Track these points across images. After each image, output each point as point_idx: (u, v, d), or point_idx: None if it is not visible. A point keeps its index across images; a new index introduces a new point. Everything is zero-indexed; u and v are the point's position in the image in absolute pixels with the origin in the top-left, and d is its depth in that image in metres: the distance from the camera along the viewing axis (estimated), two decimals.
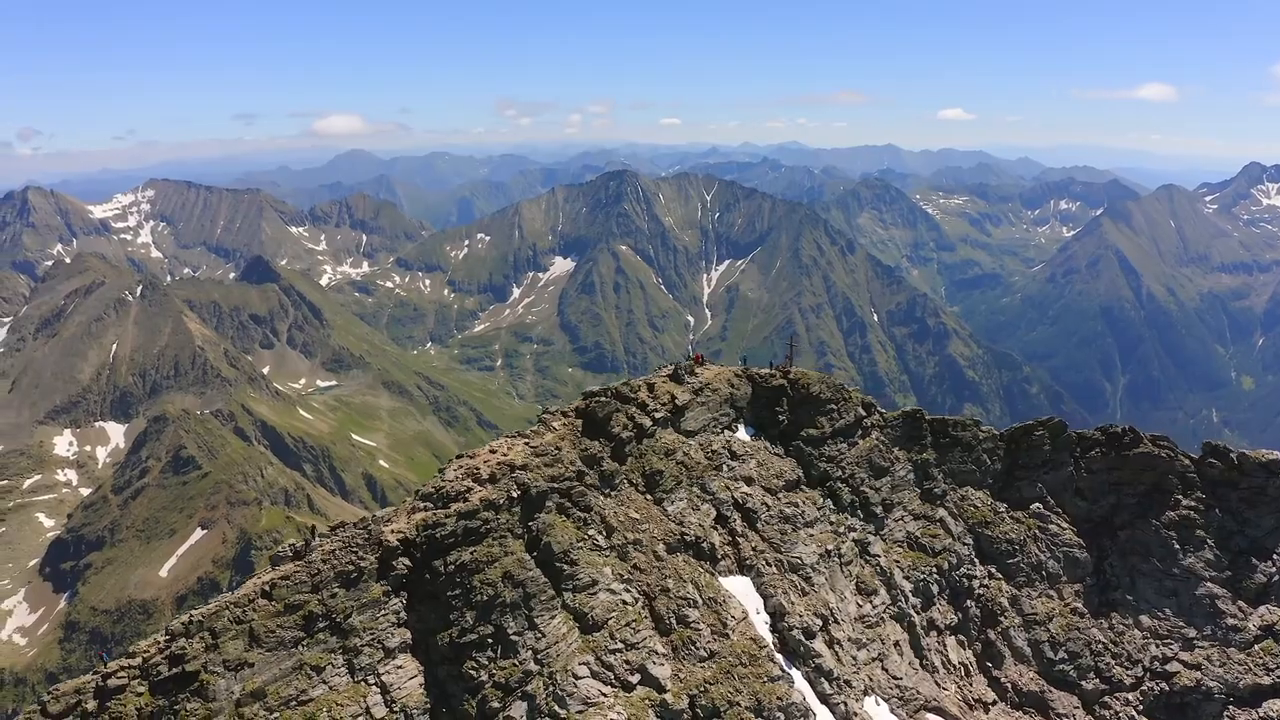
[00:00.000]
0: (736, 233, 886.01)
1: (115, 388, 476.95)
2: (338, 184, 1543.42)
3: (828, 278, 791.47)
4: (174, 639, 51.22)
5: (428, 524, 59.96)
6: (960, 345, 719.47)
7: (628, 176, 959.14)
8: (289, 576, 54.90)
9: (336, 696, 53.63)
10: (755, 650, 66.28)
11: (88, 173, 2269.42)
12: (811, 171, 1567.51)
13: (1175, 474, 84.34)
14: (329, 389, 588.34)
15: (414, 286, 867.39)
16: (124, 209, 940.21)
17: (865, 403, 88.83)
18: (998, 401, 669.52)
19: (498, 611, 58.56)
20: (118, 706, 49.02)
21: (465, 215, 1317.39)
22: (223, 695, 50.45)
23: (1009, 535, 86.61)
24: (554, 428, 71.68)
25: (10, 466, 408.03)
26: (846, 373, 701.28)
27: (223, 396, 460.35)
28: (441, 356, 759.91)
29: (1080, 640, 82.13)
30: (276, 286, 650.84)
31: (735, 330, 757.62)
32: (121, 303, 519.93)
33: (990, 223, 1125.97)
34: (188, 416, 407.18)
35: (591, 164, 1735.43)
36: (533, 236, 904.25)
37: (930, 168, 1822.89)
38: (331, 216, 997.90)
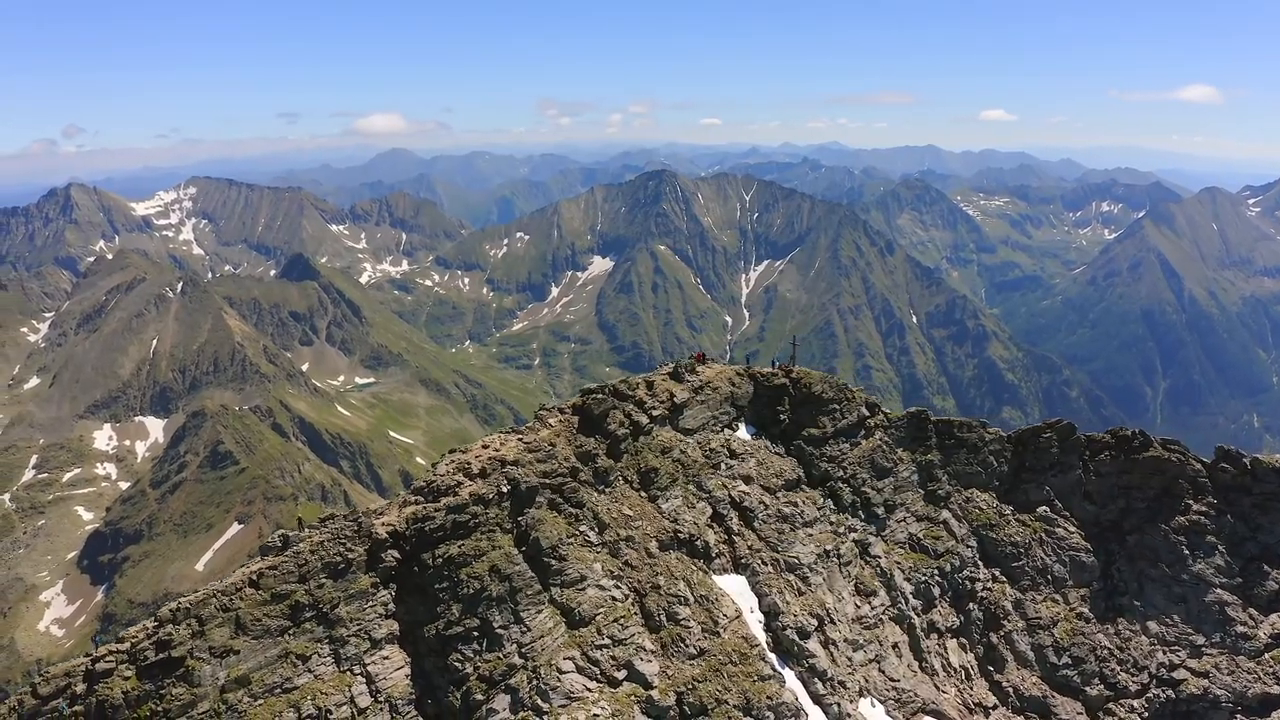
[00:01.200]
0: (775, 233, 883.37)
1: (155, 383, 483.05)
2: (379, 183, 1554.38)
3: (867, 279, 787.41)
4: (162, 625, 52.24)
5: (417, 517, 60.73)
6: (1000, 348, 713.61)
7: (666, 176, 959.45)
8: (276, 567, 55.76)
9: (321, 685, 54.41)
10: (746, 649, 66.11)
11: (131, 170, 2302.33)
12: (851, 172, 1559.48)
13: (1186, 478, 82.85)
14: (367, 386, 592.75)
15: (453, 285, 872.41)
16: (166, 206, 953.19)
17: (869, 403, 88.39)
18: (1037, 405, 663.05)
19: (484, 605, 59.12)
20: (105, 690, 50.07)
21: (505, 214, 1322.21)
22: (208, 681, 51.32)
23: (1014, 538, 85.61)
24: (550, 424, 72.03)
25: (50, 460, 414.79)
26: (885, 374, 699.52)
27: (261, 392, 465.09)
28: (480, 355, 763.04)
29: (1085, 645, 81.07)
30: (316, 284, 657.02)
31: (773, 331, 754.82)
32: (162, 299, 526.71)
33: (1031, 224, 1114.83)
34: (226, 412, 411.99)
35: (632, 164, 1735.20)
36: (571, 236, 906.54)
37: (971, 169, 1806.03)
38: (372, 215, 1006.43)
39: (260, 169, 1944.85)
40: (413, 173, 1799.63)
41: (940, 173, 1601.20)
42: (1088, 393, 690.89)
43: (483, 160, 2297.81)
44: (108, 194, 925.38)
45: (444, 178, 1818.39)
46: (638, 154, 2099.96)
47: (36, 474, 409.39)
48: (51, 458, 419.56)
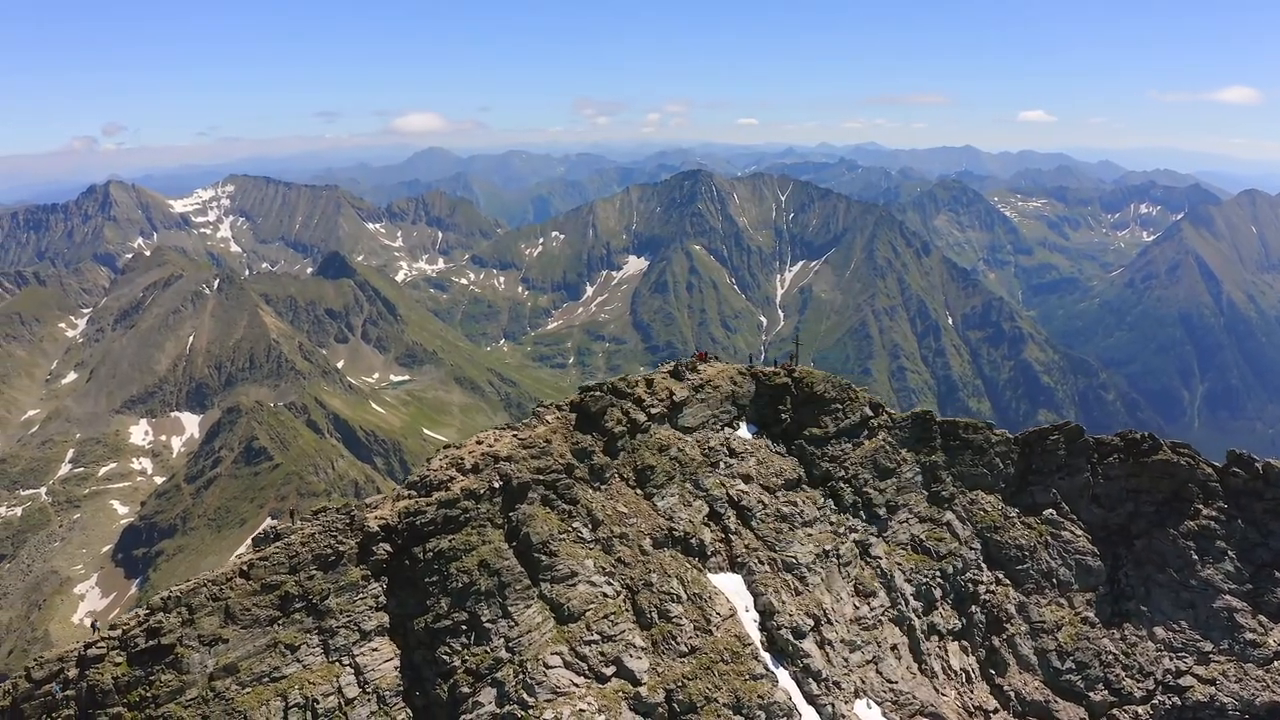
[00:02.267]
0: (811, 233, 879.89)
1: (191, 379, 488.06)
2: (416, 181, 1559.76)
3: (902, 280, 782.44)
4: (153, 613, 53.29)
5: (409, 511, 61.42)
6: (1036, 350, 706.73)
7: (702, 176, 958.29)
8: (267, 558, 56.59)
9: (309, 675, 55.20)
10: (739, 647, 66.18)
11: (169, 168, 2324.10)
12: (888, 172, 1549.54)
13: (1196, 482, 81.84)
14: (402, 384, 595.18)
15: (488, 283, 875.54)
16: (204, 204, 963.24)
17: (873, 403, 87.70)
18: (1073, 408, 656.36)
19: (472, 599, 59.69)
20: (95, 675, 51.14)
21: (541, 213, 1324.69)
22: (196, 669, 52.30)
23: (1019, 541, 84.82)
24: (547, 421, 72.42)
25: (87, 454, 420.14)
26: (919, 376, 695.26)
27: (296, 389, 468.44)
28: (514, 353, 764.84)
29: (1090, 650, 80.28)
30: (352, 282, 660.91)
31: (808, 332, 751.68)
32: (199, 296, 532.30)
33: (1069, 226, 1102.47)
34: (261, 408, 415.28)
35: (667, 163, 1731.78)
36: (607, 235, 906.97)
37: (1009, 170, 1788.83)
38: (408, 213, 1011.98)
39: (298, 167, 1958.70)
40: (450, 171, 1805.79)
41: (978, 173, 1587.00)
42: (1124, 396, 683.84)
43: (519, 159, 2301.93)
44: (146, 191, 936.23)
45: (481, 176, 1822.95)
46: (674, 153, 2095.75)
47: (73, 468, 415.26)
48: (88, 452, 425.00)
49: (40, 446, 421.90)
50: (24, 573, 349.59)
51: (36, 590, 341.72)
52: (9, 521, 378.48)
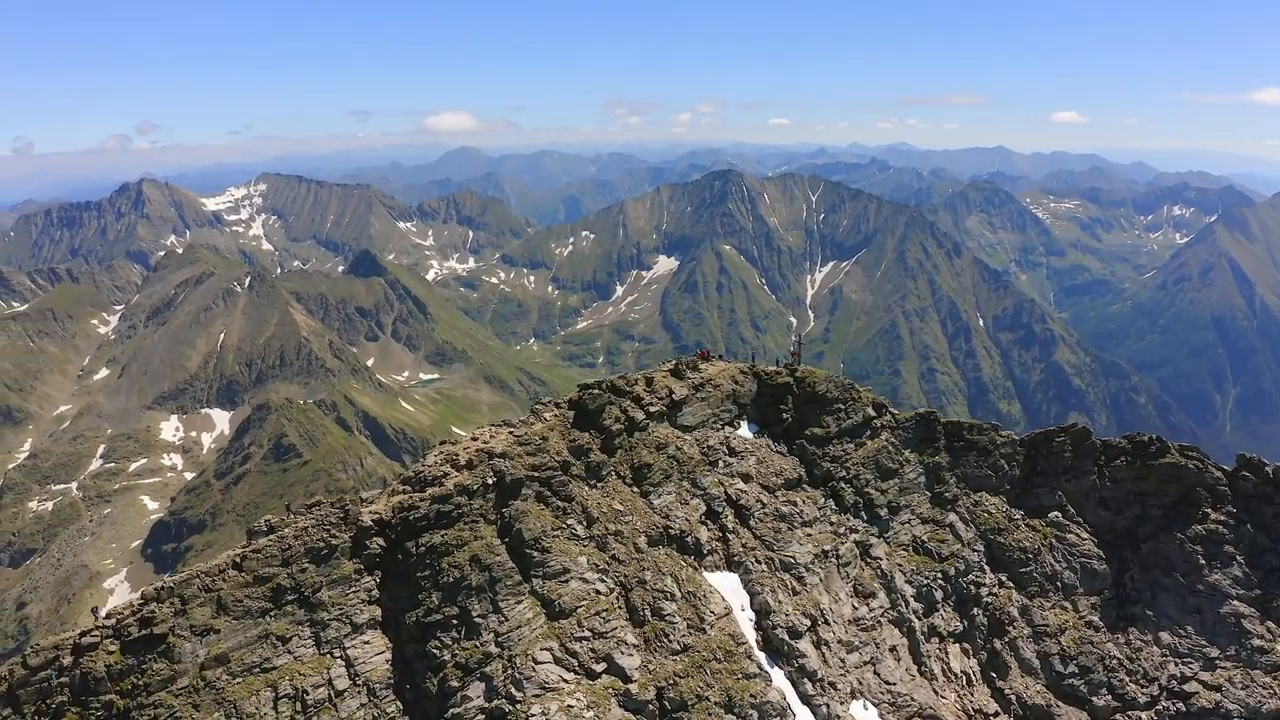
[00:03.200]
0: (841, 234, 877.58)
1: (222, 376, 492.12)
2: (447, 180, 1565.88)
3: (933, 281, 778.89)
4: (147, 603, 54.12)
5: (403, 506, 62.02)
6: (1067, 352, 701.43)
7: (733, 176, 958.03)
8: (260, 550, 57.24)
9: (300, 666, 55.84)
10: (732, 646, 66.30)
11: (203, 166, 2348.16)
12: (920, 173, 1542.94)
13: (1205, 486, 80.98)
14: (431, 382, 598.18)
15: (518, 283, 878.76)
16: (236, 202, 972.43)
17: (876, 403, 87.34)
18: (1104, 411, 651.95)
19: (463, 594, 60.08)
20: (89, 662, 51.93)
21: (573, 213, 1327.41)
22: (188, 658, 53.01)
23: (1023, 543, 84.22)
24: (545, 418, 72.72)
25: (118, 450, 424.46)
26: (950, 377, 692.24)
27: (326, 387, 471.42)
28: (544, 352, 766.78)
29: (1093, 654, 79.57)
30: (383, 280, 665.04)
31: (838, 332, 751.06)
32: (230, 293, 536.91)
33: (1101, 228, 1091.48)
34: (290, 405, 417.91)
35: (699, 163, 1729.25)
36: (637, 235, 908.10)
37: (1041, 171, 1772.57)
38: (439, 212, 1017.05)
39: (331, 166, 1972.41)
40: (481, 171, 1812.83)
41: (1010, 174, 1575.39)
42: (1156, 399, 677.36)
43: (550, 159, 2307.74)
44: (179, 189, 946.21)
45: (512, 176, 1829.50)
46: (705, 153, 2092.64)
47: (104, 463, 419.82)
48: (119, 447, 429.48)
49: (72, 442, 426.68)
50: (54, 566, 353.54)
51: (66, 584, 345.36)
52: (40, 516, 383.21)
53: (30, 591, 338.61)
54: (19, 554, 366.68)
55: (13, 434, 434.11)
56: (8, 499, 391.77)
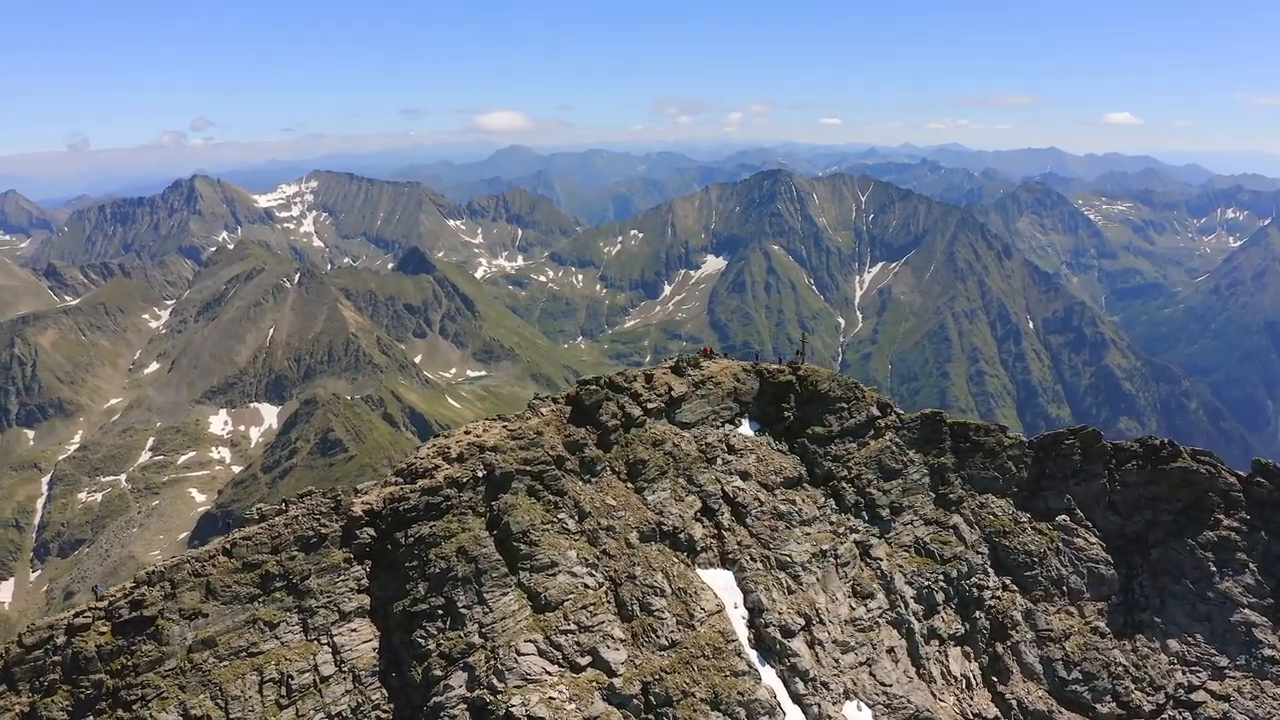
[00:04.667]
0: (891, 234, 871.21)
1: (270, 371, 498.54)
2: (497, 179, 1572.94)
3: (983, 282, 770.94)
4: (138, 586, 55.71)
5: (394, 497, 63.04)
6: (1118, 356, 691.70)
7: (782, 176, 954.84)
8: (250, 537, 58.70)
9: (286, 652, 57.16)
10: (721, 643, 66.36)
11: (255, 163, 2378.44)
12: (971, 174, 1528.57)
13: (1217, 492, 79.36)
14: (478, 379, 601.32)
15: (567, 281, 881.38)
16: (288, 199, 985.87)
17: (880, 403, 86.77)
18: (1154, 416, 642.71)
19: (449, 584, 60.96)
20: (80, 642, 53.59)
21: (622, 212, 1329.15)
22: (176, 641, 54.56)
23: (1028, 546, 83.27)
24: (541, 413, 73.37)
25: (167, 442, 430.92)
26: (999, 380, 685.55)
27: (373, 382, 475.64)
28: (592, 351, 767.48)
29: (1098, 661, 78.40)
30: (431, 278, 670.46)
31: (886, 334, 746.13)
32: (279, 289, 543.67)
33: (1154, 230, 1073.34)
34: (337, 401, 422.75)
35: (749, 163, 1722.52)
36: (685, 234, 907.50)
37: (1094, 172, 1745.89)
38: (488, 210, 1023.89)
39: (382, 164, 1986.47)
40: (531, 169, 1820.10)
41: (1062, 176, 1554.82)
42: (1207, 405, 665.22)
43: (600, 158, 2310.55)
44: (231, 186, 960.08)
45: (562, 175, 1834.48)
46: (755, 153, 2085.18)
47: (153, 456, 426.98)
48: (168, 440, 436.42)
49: (121, 434, 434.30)
50: (102, 557, 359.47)
51: (114, 575, 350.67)
52: (89, 507, 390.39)
53: (78, 581, 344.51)
54: (68, 544, 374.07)
55: (64, 426, 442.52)
56: (58, 490, 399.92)
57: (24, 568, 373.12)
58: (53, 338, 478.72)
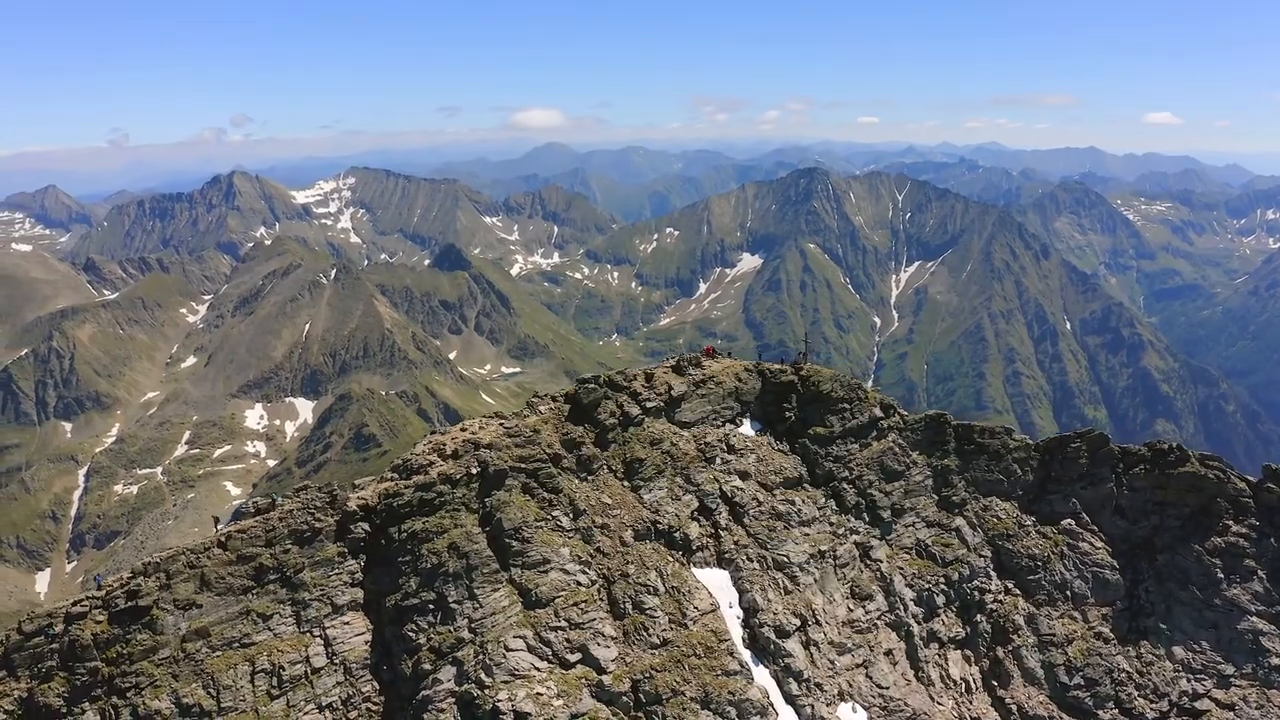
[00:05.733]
0: (928, 234, 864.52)
1: (306, 366, 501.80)
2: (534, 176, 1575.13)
3: (1020, 282, 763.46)
4: (134, 577, 56.97)
5: (389, 493, 63.96)
6: (1155, 358, 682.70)
7: (818, 174, 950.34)
8: (245, 531, 59.84)
9: (279, 644, 58.23)
10: (713, 643, 66.64)
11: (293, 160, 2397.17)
12: (1009, 173, 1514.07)
13: (1226, 498, 78.50)
14: (512, 376, 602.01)
15: (602, 278, 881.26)
16: (325, 195, 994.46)
17: (884, 404, 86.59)
18: (1192, 418, 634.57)
19: (440, 580, 61.80)
20: (77, 630, 54.81)
21: (659, 209, 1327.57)
22: (170, 630, 55.78)
23: (1032, 550, 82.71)
24: (540, 411, 74.11)
25: (202, 436, 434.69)
26: (1035, 381, 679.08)
27: (408, 378, 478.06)
28: (626, 348, 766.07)
29: (1101, 667, 77.69)
30: (467, 274, 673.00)
31: (922, 333, 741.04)
32: (316, 285, 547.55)
33: (1193, 231, 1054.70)
34: (372, 396, 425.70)
35: (785, 161, 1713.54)
36: (721, 232, 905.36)
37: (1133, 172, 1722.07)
38: (524, 208, 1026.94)
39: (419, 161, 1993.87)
40: (567, 167, 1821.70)
41: (1101, 175, 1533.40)
42: (1245, 408, 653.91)
43: (637, 155, 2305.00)
44: (269, 182, 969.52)
45: (598, 172, 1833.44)
46: (792, 151, 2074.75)
47: (189, 449, 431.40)
48: (204, 434, 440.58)
49: (158, 428, 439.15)
50: (137, 549, 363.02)
51: None
52: (125, 499, 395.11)
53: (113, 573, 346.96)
54: (103, 536, 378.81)
55: (101, 419, 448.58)
56: (94, 482, 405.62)
57: (60, 558, 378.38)
58: (91, 331, 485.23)
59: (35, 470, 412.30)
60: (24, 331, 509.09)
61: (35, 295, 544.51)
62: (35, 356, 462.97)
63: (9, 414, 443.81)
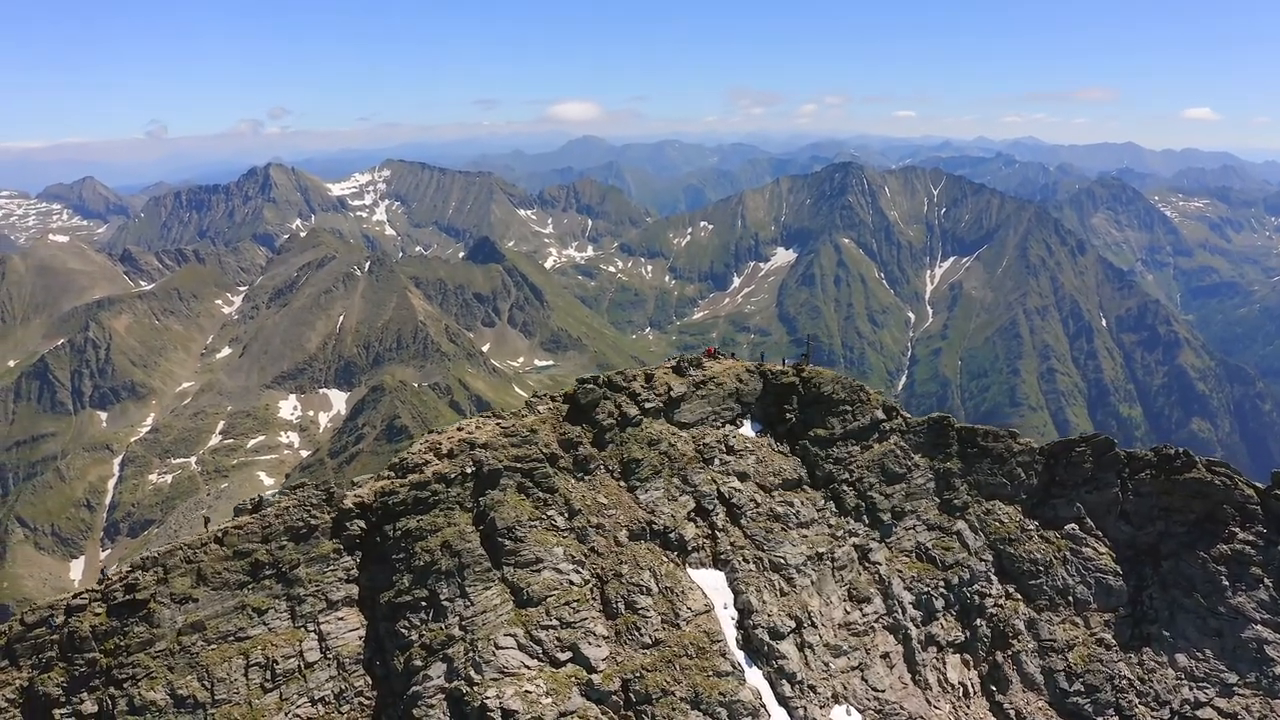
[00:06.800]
0: (963, 229, 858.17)
1: (340, 357, 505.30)
2: (569, 169, 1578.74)
3: (1055, 279, 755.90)
4: (133, 570, 58.42)
5: (385, 491, 65.06)
6: (1191, 356, 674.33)
7: (853, 169, 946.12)
8: (242, 527, 61.05)
9: (273, 638, 59.40)
10: (706, 643, 66.98)
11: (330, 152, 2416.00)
12: (1046, 168, 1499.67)
13: (1233, 504, 77.57)
14: (545, 369, 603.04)
15: (636, 272, 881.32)
16: (361, 187, 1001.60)
17: (886, 406, 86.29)
18: (1227, 417, 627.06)
19: (433, 577, 62.66)
20: (77, 622, 56.29)
21: (694, 203, 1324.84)
22: (166, 623, 57.02)
23: (1034, 554, 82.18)
24: (538, 411, 74.82)
25: (237, 426, 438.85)
26: (1069, 378, 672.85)
27: (441, 370, 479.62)
28: (659, 342, 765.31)
29: (1102, 673, 77.11)
30: (501, 267, 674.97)
31: (956, 329, 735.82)
32: (350, 277, 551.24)
33: (1231, 228, 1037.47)
34: (405, 388, 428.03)
35: (821, 155, 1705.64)
36: (755, 226, 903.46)
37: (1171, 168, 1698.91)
38: (559, 201, 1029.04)
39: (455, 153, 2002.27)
40: (603, 160, 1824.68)
41: (1139, 171, 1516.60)
42: None
43: (672, 148, 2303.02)
44: (305, 174, 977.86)
45: (633, 165, 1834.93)
46: (828, 145, 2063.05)
47: (223, 439, 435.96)
48: (238, 424, 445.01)
49: (193, 418, 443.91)
50: (170, 538, 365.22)
51: None
52: (159, 488, 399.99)
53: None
54: (137, 524, 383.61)
55: (136, 409, 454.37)
56: (129, 471, 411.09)
57: (94, 546, 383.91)
58: (127, 322, 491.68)
59: (70, 459, 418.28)
60: (61, 322, 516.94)
61: (72, 286, 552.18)
62: (71, 346, 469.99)
63: (45, 403, 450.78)
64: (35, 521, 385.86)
